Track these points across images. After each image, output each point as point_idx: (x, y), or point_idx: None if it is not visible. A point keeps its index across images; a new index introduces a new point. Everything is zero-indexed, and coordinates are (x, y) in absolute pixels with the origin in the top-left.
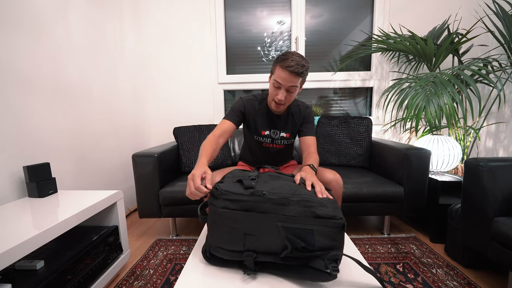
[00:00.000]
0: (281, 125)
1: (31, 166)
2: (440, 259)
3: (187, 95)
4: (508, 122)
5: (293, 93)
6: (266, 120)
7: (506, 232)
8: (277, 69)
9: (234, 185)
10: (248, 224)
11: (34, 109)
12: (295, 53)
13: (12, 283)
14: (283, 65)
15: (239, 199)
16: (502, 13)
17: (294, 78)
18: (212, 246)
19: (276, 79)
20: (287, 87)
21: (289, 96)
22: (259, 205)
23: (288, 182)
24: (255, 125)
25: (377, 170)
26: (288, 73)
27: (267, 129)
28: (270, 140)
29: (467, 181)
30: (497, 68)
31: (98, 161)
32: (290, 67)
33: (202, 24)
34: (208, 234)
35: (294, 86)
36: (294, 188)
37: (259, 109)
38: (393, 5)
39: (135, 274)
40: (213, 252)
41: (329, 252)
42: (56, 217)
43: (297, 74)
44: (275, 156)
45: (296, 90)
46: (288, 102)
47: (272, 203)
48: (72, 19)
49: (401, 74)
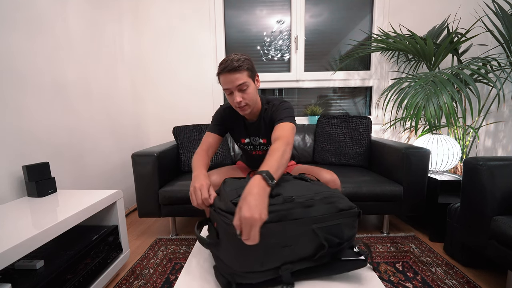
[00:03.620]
0: (256, 131)
1: (30, 165)
2: (439, 258)
3: (187, 94)
4: (507, 122)
5: (248, 90)
6: (243, 128)
7: (505, 231)
8: (220, 78)
9: None
10: (284, 235)
11: (34, 108)
12: (229, 55)
13: (12, 282)
14: (220, 71)
15: (272, 210)
16: (502, 12)
17: (235, 75)
18: (237, 274)
19: (224, 87)
20: (236, 88)
21: (246, 94)
22: (292, 212)
23: (298, 181)
24: (235, 134)
25: (377, 169)
26: (227, 74)
27: (246, 137)
28: (252, 147)
29: (466, 180)
30: (496, 68)
31: (97, 160)
32: (225, 68)
33: (202, 23)
34: (229, 261)
35: (242, 83)
36: (309, 186)
37: (237, 117)
38: (393, 5)
39: (135, 273)
40: (240, 280)
41: (352, 241)
42: (55, 216)
43: (235, 70)
44: (261, 162)
45: (248, 85)
46: (249, 101)
47: (302, 206)
48: (71, 19)
49: (400, 73)
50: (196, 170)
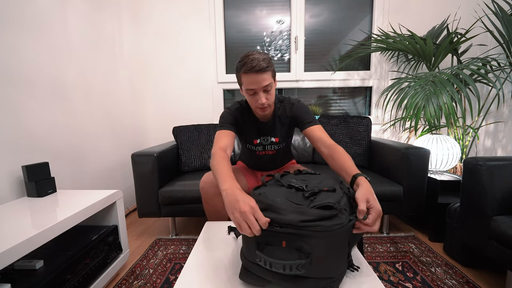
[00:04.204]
0: (269, 130)
1: (30, 165)
2: (439, 258)
3: (187, 94)
4: (506, 122)
5: (271, 91)
6: (255, 128)
7: (505, 231)
8: (243, 77)
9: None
10: None
11: (33, 108)
12: (251, 52)
13: (12, 283)
14: (246, 70)
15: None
16: (501, 12)
17: (262, 75)
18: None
19: (249, 87)
20: (262, 89)
21: (269, 95)
22: None
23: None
24: (246, 135)
25: (376, 169)
26: (255, 74)
27: (257, 137)
28: (262, 148)
29: (466, 180)
30: (496, 68)
31: (97, 160)
32: (253, 68)
33: (202, 23)
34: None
35: (268, 84)
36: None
37: (248, 118)
38: (392, 5)
39: (135, 273)
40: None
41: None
42: (55, 216)
43: (264, 70)
44: (269, 162)
45: (272, 86)
46: (271, 101)
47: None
48: (71, 19)
49: (400, 73)
50: (226, 182)
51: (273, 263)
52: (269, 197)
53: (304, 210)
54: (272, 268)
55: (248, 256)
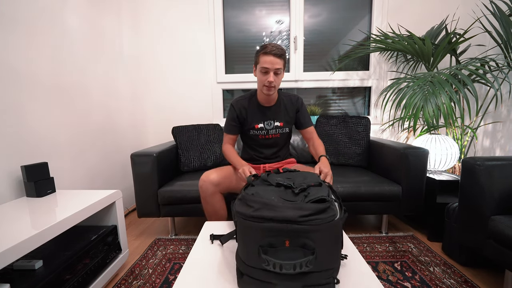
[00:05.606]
0: (273, 115)
1: (29, 165)
2: (437, 257)
3: (186, 94)
4: (504, 122)
5: (280, 76)
6: (258, 113)
7: (503, 231)
8: (261, 57)
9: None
10: None
11: (32, 108)
12: (271, 42)
13: (11, 283)
14: (265, 51)
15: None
16: (499, 13)
17: (277, 60)
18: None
19: (263, 65)
20: (274, 70)
21: (277, 78)
22: None
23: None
24: (248, 121)
25: (375, 169)
26: (272, 56)
27: (260, 122)
28: (265, 132)
29: (464, 180)
30: (494, 68)
31: (96, 160)
32: (273, 51)
33: (201, 23)
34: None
35: (279, 68)
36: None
37: (250, 105)
38: (392, 5)
39: (134, 273)
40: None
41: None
42: (54, 216)
43: (279, 56)
44: (272, 146)
45: (282, 73)
46: (277, 84)
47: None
48: (70, 18)
49: (399, 73)
50: (237, 160)
51: (283, 265)
52: (263, 196)
53: (301, 205)
54: (282, 270)
55: (249, 261)
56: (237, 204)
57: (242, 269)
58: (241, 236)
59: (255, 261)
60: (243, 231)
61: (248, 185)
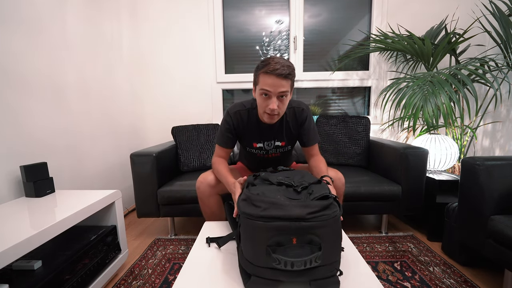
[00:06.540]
0: (274, 135)
1: (28, 165)
2: (437, 257)
3: (186, 94)
4: (504, 122)
5: (285, 100)
6: (257, 132)
7: (502, 230)
8: (262, 77)
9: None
10: None
11: (32, 108)
12: (276, 56)
13: (10, 283)
14: (267, 70)
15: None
16: (499, 13)
17: (282, 82)
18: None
19: (264, 88)
20: (277, 94)
21: (282, 103)
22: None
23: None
24: (246, 138)
25: (375, 169)
26: (275, 77)
27: (259, 141)
28: (264, 152)
29: (464, 180)
30: (493, 68)
31: (96, 160)
32: (276, 70)
33: (201, 23)
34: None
35: (285, 91)
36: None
37: (249, 120)
38: (391, 5)
39: (134, 273)
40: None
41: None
42: (53, 217)
43: (285, 77)
44: (273, 162)
45: (287, 95)
46: (282, 110)
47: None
48: (69, 19)
49: (399, 73)
50: (227, 180)
51: (294, 262)
52: (269, 195)
53: (307, 203)
54: (294, 267)
55: (258, 262)
56: (242, 205)
57: (250, 270)
58: (247, 237)
59: (264, 261)
60: (250, 232)
61: (249, 184)
